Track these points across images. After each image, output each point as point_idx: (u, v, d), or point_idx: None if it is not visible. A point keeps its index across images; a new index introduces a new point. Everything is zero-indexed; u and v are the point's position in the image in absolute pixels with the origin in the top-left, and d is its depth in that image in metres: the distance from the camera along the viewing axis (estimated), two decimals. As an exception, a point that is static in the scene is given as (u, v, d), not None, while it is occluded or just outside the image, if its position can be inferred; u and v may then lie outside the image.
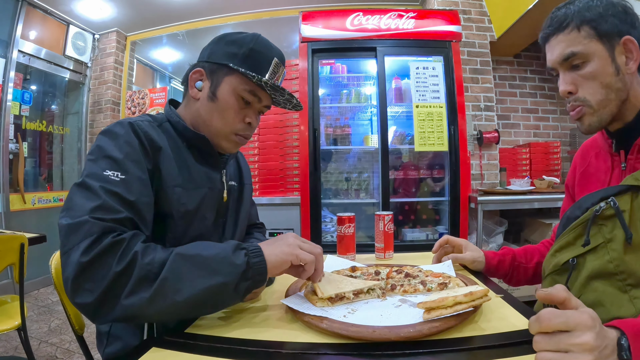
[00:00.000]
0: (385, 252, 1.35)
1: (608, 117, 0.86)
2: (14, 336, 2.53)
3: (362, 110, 3.60)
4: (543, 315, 0.52)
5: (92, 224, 0.71)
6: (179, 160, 0.94)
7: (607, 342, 0.52)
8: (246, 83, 0.96)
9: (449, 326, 0.69)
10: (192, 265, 0.72)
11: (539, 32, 0.93)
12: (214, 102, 0.97)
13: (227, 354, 0.65)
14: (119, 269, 0.69)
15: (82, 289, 0.69)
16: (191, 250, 0.75)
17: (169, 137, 0.96)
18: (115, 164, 0.80)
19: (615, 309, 0.79)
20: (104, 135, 0.86)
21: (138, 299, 0.68)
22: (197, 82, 1.00)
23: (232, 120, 0.98)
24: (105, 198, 0.75)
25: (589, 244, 0.85)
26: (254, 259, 0.76)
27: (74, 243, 0.70)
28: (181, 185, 0.92)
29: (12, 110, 3.71)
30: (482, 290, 0.74)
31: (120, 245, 0.71)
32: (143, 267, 0.70)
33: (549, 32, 0.89)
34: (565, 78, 0.87)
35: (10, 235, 1.75)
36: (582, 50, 0.83)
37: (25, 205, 3.82)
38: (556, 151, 3.70)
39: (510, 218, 3.47)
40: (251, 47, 0.96)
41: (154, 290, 0.69)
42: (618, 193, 0.84)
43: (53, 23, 4.18)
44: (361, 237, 3.20)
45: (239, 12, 4.39)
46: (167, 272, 0.70)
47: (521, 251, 1.22)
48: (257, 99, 0.99)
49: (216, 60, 0.97)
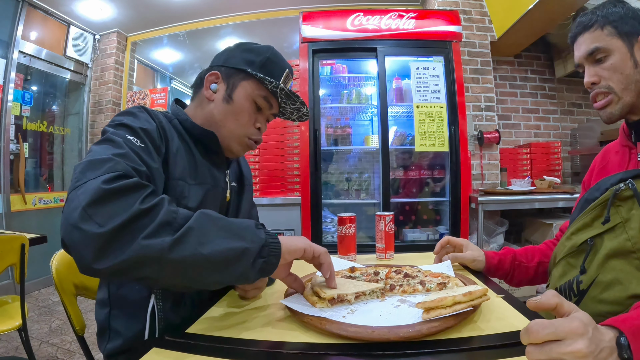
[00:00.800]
0: (386, 253, 1.35)
1: (628, 105, 0.93)
2: (15, 336, 2.54)
3: (363, 110, 3.60)
4: (531, 327, 0.52)
5: (116, 162, 0.69)
6: (185, 154, 0.96)
7: (603, 345, 0.52)
8: (261, 89, 1.01)
9: (448, 326, 0.69)
10: (217, 225, 0.70)
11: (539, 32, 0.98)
12: (229, 104, 1.01)
13: (228, 354, 0.65)
14: (144, 206, 0.64)
15: (92, 219, 0.61)
16: (215, 214, 0.73)
17: (178, 132, 0.99)
18: (135, 132, 0.82)
19: (634, 286, 0.82)
20: (120, 114, 0.88)
21: (159, 242, 0.63)
22: (212, 84, 1.03)
23: (246, 123, 1.02)
24: (128, 150, 0.75)
25: (609, 221, 0.89)
26: (271, 239, 0.75)
27: (93, 175, 0.66)
28: (185, 179, 0.93)
29: (12, 110, 3.72)
30: (481, 290, 0.74)
31: (146, 188, 0.68)
32: (169, 212, 0.66)
33: (576, 31, 0.99)
34: (590, 71, 0.96)
35: (11, 236, 1.75)
36: (604, 45, 0.93)
37: (25, 206, 3.83)
38: (557, 151, 3.70)
39: (511, 218, 3.47)
40: (267, 56, 1.02)
41: (179, 236, 0.64)
42: (635, 176, 0.89)
43: (54, 24, 4.19)
44: (362, 237, 3.20)
45: (239, 13, 4.40)
46: (194, 223, 0.67)
47: (522, 251, 1.22)
48: (268, 105, 1.04)
49: (233, 65, 1.02)
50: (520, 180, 3.30)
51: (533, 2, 2.91)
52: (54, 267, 1.11)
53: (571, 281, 0.94)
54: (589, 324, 0.52)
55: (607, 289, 0.86)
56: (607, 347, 0.52)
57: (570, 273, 0.95)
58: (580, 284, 0.91)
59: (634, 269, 0.83)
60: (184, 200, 0.92)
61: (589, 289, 0.89)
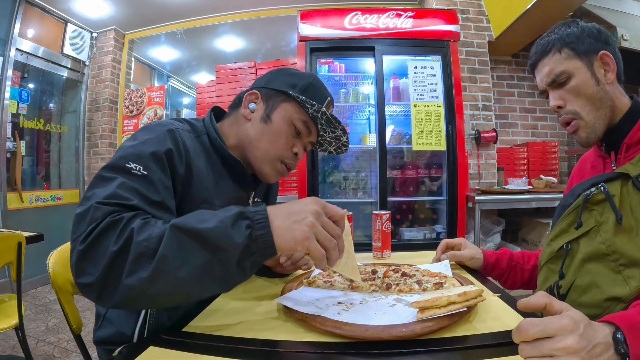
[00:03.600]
0: (382, 251, 1.35)
1: (602, 127, 0.94)
2: (12, 335, 2.53)
3: (360, 109, 3.60)
4: (522, 326, 0.53)
5: (96, 209, 0.69)
6: (210, 175, 0.95)
7: (597, 341, 0.53)
8: (301, 113, 0.99)
9: (442, 326, 0.69)
10: (190, 238, 0.65)
11: (537, 32, 0.98)
12: (267, 125, 0.99)
13: (225, 353, 0.65)
14: (115, 247, 0.65)
15: (84, 272, 0.66)
16: (189, 222, 0.67)
17: (205, 150, 0.97)
18: (140, 158, 0.79)
19: (610, 289, 0.82)
20: (143, 130, 0.87)
21: (138, 278, 0.64)
22: (250, 104, 1.02)
23: (282, 146, 1.00)
24: (117, 190, 0.73)
25: (582, 226, 0.90)
26: (258, 231, 0.67)
27: (80, 231, 0.68)
28: (210, 202, 0.92)
29: (9, 108, 3.70)
30: (476, 291, 0.75)
31: (118, 224, 0.67)
32: (139, 244, 0.65)
33: (535, 58, 1.00)
34: (554, 95, 0.97)
35: (8, 234, 1.75)
36: (564, 68, 0.94)
37: (22, 204, 3.82)
38: (554, 151, 3.71)
39: (507, 217, 3.48)
40: (310, 81, 1.01)
41: (153, 269, 0.64)
42: (608, 180, 0.89)
43: (51, 21, 4.17)
44: (359, 236, 3.20)
45: (237, 11, 4.39)
46: (165, 248, 0.64)
47: (519, 254, 1.24)
48: (307, 131, 1.02)
49: (275, 87, 1.01)
50: (517, 180, 3.31)
51: (531, 1, 2.91)
52: (51, 265, 1.11)
53: (552, 286, 0.95)
54: (580, 321, 0.53)
55: (585, 292, 0.87)
56: (602, 342, 0.53)
57: (551, 278, 0.97)
58: (560, 289, 0.92)
59: (610, 271, 0.84)
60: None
61: (568, 293, 0.90)
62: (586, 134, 0.95)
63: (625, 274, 0.81)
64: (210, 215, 0.69)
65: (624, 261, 0.82)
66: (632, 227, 0.82)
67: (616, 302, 0.81)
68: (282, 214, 0.70)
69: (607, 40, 0.94)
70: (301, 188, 3.15)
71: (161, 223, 0.69)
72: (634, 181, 0.84)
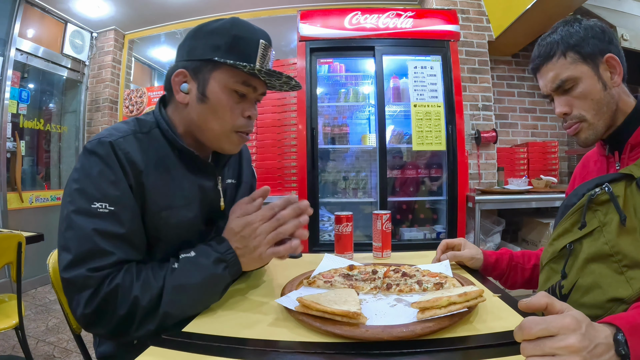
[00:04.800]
0: (382, 251, 1.35)
1: (602, 129, 0.94)
2: (12, 335, 2.53)
3: (360, 109, 3.60)
4: (524, 324, 0.53)
5: (87, 278, 0.75)
6: (166, 177, 0.89)
7: (598, 341, 0.53)
8: (237, 75, 0.88)
9: (442, 326, 0.69)
10: (186, 294, 0.79)
11: (536, 32, 0.97)
12: (206, 103, 0.89)
13: (225, 353, 0.65)
14: (122, 312, 0.75)
15: (94, 325, 0.78)
16: (180, 280, 0.79)
17: (158, 146, 0.90)
18: (102, 194, 0.79)
19: (613, 290, 0.82)
20: (87, 155, 0.82)
21: (145, 330, 0.76)
22: (182, 85, 0.90)
23: (230, 118, 0.90)
24: (95, 240, 0.76)
25: (585, 226, 0.89)
26: (234, 268, 0.85)
27: (74, 294, 0.77)
28: (171, 206, 0.88)
29: (9, 108, 3.70)
30: (477, 291, 0.74)
31: (117, 292, 0.75)
32: (144, 308, 0.75)
33: (538, 62, 0.97)
34: (560, 101, 0.95)
35: (8, 234, 1.75)
36: (570, 74, 0.91)
37: (22, 204, 3.82)
38: (554, 151, 3.71)
39: (507, 217, 3.48)
40: (233, 34, 0.87)
41: (159, 322, 0.76)
42: (612, 180, 0.88)
43: (51, 21, 4.17)
44: (359, 236, 3.20)
45: (237, 11, 4.38)
46: (165, 306, 0.77)
47: (519, 253, 1.24)
48: (251, 89, 0.91)
49: (198, 57, 0.88)
50: (517, 180, 3.31)
51: (531, 1, 2.91)
52: (51, 265, 1.11)
53: (554, 286, 0.95)
54: (582, 321, 0.53)
55: (587, 292, 0.87)
56: (603, 343, 0.53)
57: (553, 278, 0.96)
58: (562, 289, 0.92)
59: (613, 272, 0.84)
60: (172, 230, 0.89)
61: (570, 293, 0.90)
62: (587, 135, 0.94)
63: (628, 275, 0.81)
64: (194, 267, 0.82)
65: (627, 262, 0.82)
66: (636, 229, 0.82)
67: (618, 303, 0.81)
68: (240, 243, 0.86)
69: (611, 39, 0.93)
70: (301, 188, 3.15)
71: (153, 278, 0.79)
72: (638, 182, 0.84)
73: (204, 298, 0.83)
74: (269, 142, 3.54)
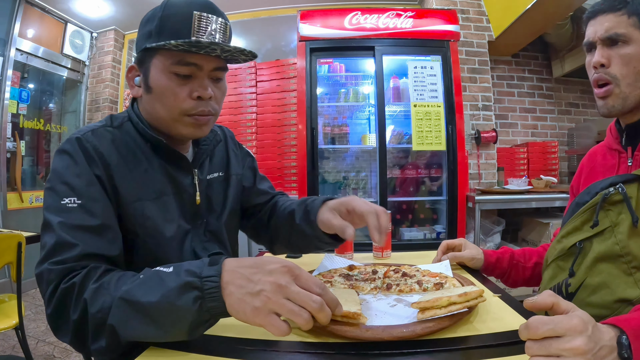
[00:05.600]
0: (382, 251, 1.35)
1: (630, 104, 0.90)
2: (12, 335, 2.53)
3: (360, 109, 3.60)
4: (531, 324, 0.52)
5: (49, 272, 0.72)
6: (137, 169, 0.87)
7: (603, 343, 0.52)
8: (171, 56, 0.83)
9: (442, 327, 0.69)
10: (135, 313, 0.63)
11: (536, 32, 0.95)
12: (151, 93, 0.87)
13: (225, 353, 0.65)
14: (75, 317, 0.68)
15: (58, 331, 0.72)
16: (133, 294, 0.64)
17: (129, 140, 0.89)
18: (69, 189, 0.78)
19: (621, 290, 0.82)
20: (57, 155, 0.83)
21: (99, 346, 0.67)
22: (135, 79, 0.90)
23: (174, 102, 0.85)
24: (60, 233, 0.73)
25: (598, 225, 0.88)
26: (209, 303, 0.61)
27: (42, 292, 0.73)
28: (141, 198, 0.86)
29: (9, 108, 3.70)
30: (477, 291, 0.74)
31: (72, 292, 0.69)
32: (93, 316, 0.66)
33: (600, 8, 0.92)
34: (602, 52, 0.91)
35: (8, 234, 1.75)
36: (626, 33, 0.87)
37: (22, 204, 3.82)
38: (554, 151, 3.71)
39: (507, 217, 3.48)
40: (161, 15, 0.84)
41: (108, 338, 0.65)
42: (626, 181, 0.88)
43: (51, 21, 4.17)
44: (359, 236, 3.18)
45: (237, 11, 4.38)
46: (112, 319, 0.64)
47: (520, 251, 1.23)
48: (195, 67, 0.85)
49: (139, 49, 0.88)
50: (517, 180, 3.31)
51: (531, 2, 2.91)
52: (51, 265, 1.11)
53: (560, 284, 0.94)
54: (588, 322, 0.52)
55: (595, 292, 0.86)
56: (606, 345, 0.53)
57: (560, 276, 0.96)
58: (569, 287, 0.91)
59: (622, 272, 0.83)
60: (148, 222, 0.86)
61: (577, 291, 0.90)
62: (614, 102, 0.90)
63: (637, 276, 0.81)
64: (157, 283, 0.64)
65: (637, 264, 0.82)
66: None
67: (626, 304, 0.81)
68: (239, 279, 0.62)
69: None
70: (301, 188, 3.15)
71: (113, 286, 0.67)
72: None
73: (157, 326, 0.63)
74: (269, 142, 3.54)
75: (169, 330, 0.63)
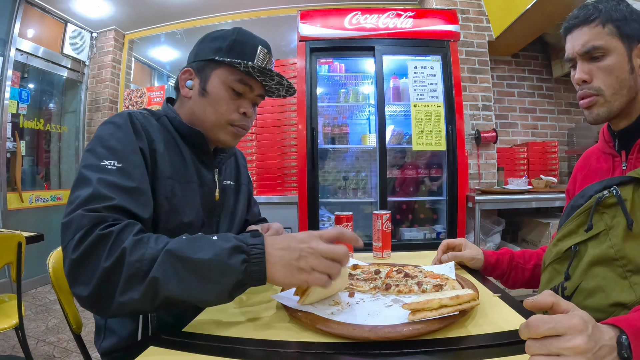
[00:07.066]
0: (383, 251, 1.35)
1: (616, 110, 0.91)
2: (12, 335, 2.53)
3: (360, 109, 3.60)
4: (531, 322, 0.52)
5: (81, 217, 0.72)
6: (173, 153, 0.97)
7: (603, 343, 0.52)
8: (234, 73, 0.98)
9: (431, 329, 0.68)
10: (184, 267, 0.68)
11: (536, 32, 0.95)
12: (206, 97, 1.00)
13: (225, 353, 0.65)
14: (107, 264, 0.68)
15: (77, 282, 0.70)
16: (184, 250, 0.69)
17: (166, 130, 0.99)
18: (112, 153, 0.83)
19: (616, 294, 0.81)
20: (104, 124, 0.90)
21: (131, 297, 0.67)
22: (187, 82, 1.03)
23: (225, 111, 1.00)
24: (97, 186, 0.76)
25: (592, 229, 0.88)
26: (253, 267, 0.70)
27: (68, 239, 0.72)
28: (173, 177, 0.94)
29: (9, 108, 3.71)
30: (470, 295, 0.73)
31: (108, 239, 0.69)
32: (131, 264, 0.68)
33: (574, 23, 0.93)
34: (583, 67, 0.92)
35: (8, 234, 1.75)
36: (603, 44, 0.88)
37: (22, 204, 3.82)
38: (554, 151, 3.71)
39: (507, 217, 3.48)
40: (234, 38, 0.99)
41: (145, 290, 0.67)
42: (620, 183, 0.87)
43: (51, 21, 4.17)
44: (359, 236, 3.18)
45: (237, 11, 4.39)
46: (157, 271, 0.67)
47: (519, 253, 1.23)
48: (248, 88, 1.01)
49: (202, 58, 1.01)
50: (517, 180, 3.31)
51: (531, 2, 2.91)
52: (51, 265, 1.11)
53: (556, 287, 0.94)
54: (589, 322, 0.52)
55: (590, 295, 0.86)
56: (606, 345, 0.53)
57: (556, 279, 0.96)
58: (565, 290, 0.91)
59: (617, 276, 0.83)
60: (175, 199, 0.93)
61: (572, 295, 0.90)
62: (599, 111, 0.91)
63: (632, 280, 0.81)
64: (207, 243, 0.71)
65: (632, 267, 0.81)
66: None
67: (621, 307, 0.81)
68: (280, 250, 0.72)
69: None
70: (301, 188, 3.15)
71: (154, 241, 0.71)
72: None
73: (204, 283, 0.68)
74: (269, 142, 3.54)
75: (213, 288, 0.69)
